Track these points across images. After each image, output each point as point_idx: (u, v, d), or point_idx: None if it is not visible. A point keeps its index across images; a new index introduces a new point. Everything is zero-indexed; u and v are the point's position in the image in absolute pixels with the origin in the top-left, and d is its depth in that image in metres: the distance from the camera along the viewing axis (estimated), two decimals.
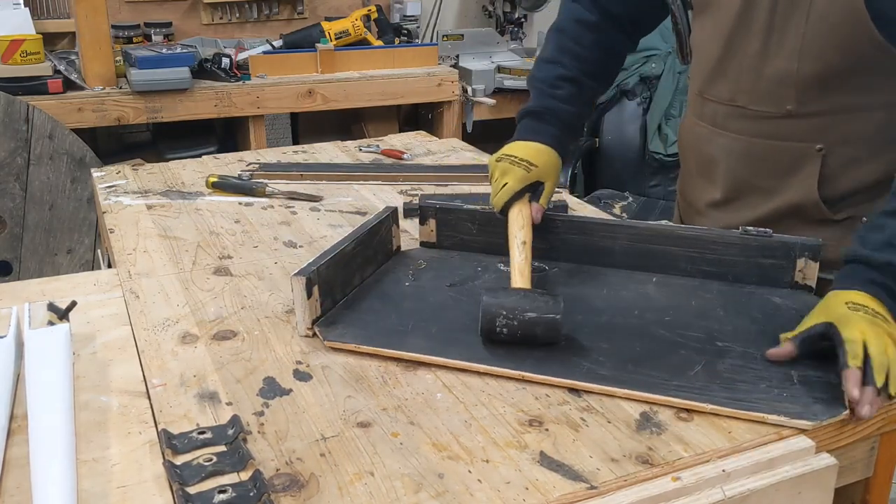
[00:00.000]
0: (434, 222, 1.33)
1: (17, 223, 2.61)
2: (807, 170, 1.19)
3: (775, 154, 1.22)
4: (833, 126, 1.17)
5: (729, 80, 1.23)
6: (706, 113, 1.30)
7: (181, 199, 1.60)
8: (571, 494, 0.78)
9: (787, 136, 1.19)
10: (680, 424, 0.88)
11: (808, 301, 1.11)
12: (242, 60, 3.04)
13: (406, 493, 0.77)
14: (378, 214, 1.28)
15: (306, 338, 1.06)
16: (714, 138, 1.29)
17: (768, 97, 1.19)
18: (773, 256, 1.17)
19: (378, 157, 1.91)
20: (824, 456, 0.85)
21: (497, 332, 1.02)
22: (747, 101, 1.21)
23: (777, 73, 1.16)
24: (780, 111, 1.18)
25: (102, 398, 0.93)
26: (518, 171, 1.23)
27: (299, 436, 0.86)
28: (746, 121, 1.23)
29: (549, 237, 1.27)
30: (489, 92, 3.29)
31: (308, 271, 1.05)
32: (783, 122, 1.19)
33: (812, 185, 1.19)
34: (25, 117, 2.55)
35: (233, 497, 0.76)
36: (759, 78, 1.19)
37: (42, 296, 1.18)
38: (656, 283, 1.19)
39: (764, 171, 1.24)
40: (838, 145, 1.17)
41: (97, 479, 0.79)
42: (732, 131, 1.25)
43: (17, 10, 2.93)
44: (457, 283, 1.19)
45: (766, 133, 1.21)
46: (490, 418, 0.89)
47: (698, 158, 1.35)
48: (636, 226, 1.25)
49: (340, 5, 3.57)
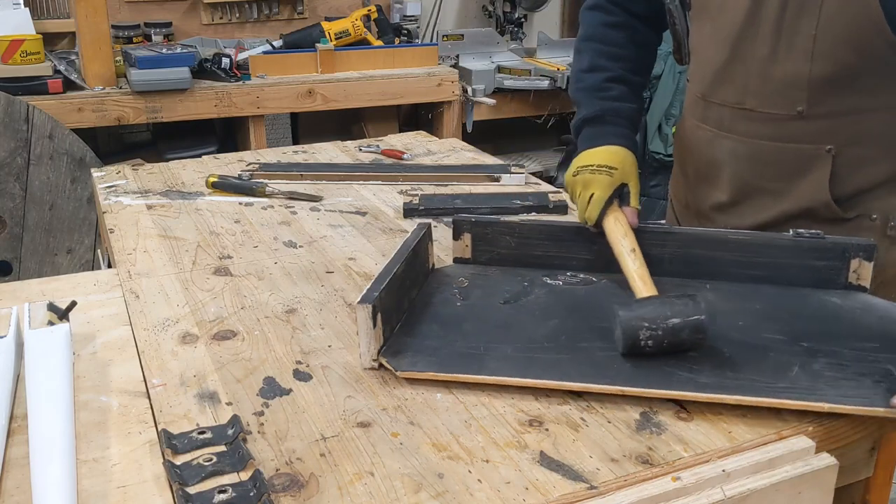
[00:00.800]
0: (469, 237, 1.25)
1: (17, 223, 2.61)
2: (816, 172, 1.19)
3: (784, 156, 1.21)
4: (843, 127, 1.16)
5: (736, 83, 1.22)
6: (710, 116, 1.28)
7: (181, 199, 1.60)
8: (571, 494, 0.77)
9: (797, 137, 1.19)
10: (680, 424, 0.88)
11: (867, 301, 1.10)
12: (242, 60, 3.04)
13: (406, 493, 0.77)
14: (415, 232, 1.20)
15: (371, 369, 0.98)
16: (719, 141, 1.28)
17: (778, 99, 1.18)
18: (826, 258, 1.15)
19: (378, 157, 1.91)
20: (824, 456, 0.85)
21: (642, 346, 0.96)
22: (756, 104, 1.21)
23: (787, 75, 1.16)
24: (790, 113, 1.18)
25: (102, 398, 0.93)
26: (601, 179, 1.20)
27: (299, 436, 0.86)
28: (754, 123, 1.22)
29: (594, 248, 1.22)
30: (489, 92, 3.30)
31: (371, 297, 0.97)
32: (793, 124, 1.18)
33: (823, 186, 1.19)
34: (25, 117, 2.55)
35: (233, 497, 0.76)
36: (769, 80, 1.18)
37: (42, 296, 1.18)
38: (711, 290, 1.15)
39: (772, 173, 1.23)
40: (848, 146, 1.17)
41: (97, 479, 0.79)
42: (739, 134, 1.24)
43: (17, 10, 2.93)
44: (509, 300, 1.14)
45: (774, 135, 1.21)
46: (490, 418, 0.89)
47: (700, 162, 1.34)
48: (685, 232, 1.21)
49: (340, 5, 3.57)
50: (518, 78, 3.32)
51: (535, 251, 1.23)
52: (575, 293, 1.15)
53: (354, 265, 1.30)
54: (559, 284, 1.17)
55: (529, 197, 1.56)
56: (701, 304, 0.97)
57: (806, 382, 0.91)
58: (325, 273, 1.27)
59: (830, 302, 1.12)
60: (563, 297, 1.13)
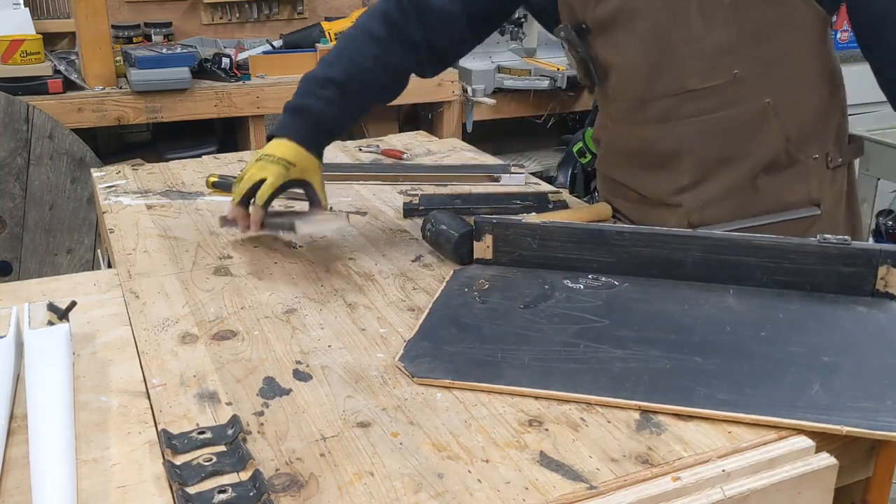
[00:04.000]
0: (490, 238, 1.26)
1: (17, 223, 2.61)
2: (765, 126, 1.28)
3: (731, 122, 1.29)
4: (775, 76, 1.26)
5: (675, 72, 1.28)
6: (651, 114, 1.34)
7: (181, 199, 1.60)
8: (571, 494, 0.77)
9: (738, 100, 1.27)
10: (680, 424, 0.88)
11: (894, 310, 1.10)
12: (242, 60, 3.04)
13: (406, 493, 0.77)
14: None
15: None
16: (665, 132, 1.33)
17: (716, 70, 1.26)
18: (853, 264, 1.13)
19: (378, 157, 1.91)
20: (824, 456, 0.85)
21: None
22: (697, 82, 1.28)
23: (719, 45, 1.24)
24: (728, 79, 1.26)
25: (102, 398, 0.93)
26: (275, 169, 1.28)
27: (299, 436, 0.86)
28: (699, 101, 1.29)
29: (615, 250, 1.21)
30: (489, 92, 3.29)
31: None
32: (732, 89, 1.26)
33: (776, 137, 1.28)
34: (25, 117, 2.55)
35: (233, 497, 0.76)
36: (704, 56, 1.26)
37: (42, 296, 1.18)
38: (735, 296, 1.15)
39: (725, 143, 1.30)
40: (784, 92, 1.27)
41: (97, 479, 0.79)
42: (687, 116, 1.30)
43: (17, 10, 2.93)
44: (529, 304, 1.13)
45: (718, 106, 1.28)
46: (490, 418, 0.89)
47: (650, 158, 1.38)
48: (710, 236, 1.19)
49: (340, 5, 3.57)
50: (518, 78, 3.31)
51: (556, 253, 1.23)
52: (596, 297, 1.15)
53: (354, 265, 1.30)
54: (580, 288, 1.16)
55: (529, 197, 1.56)
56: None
57: (826, 401, 0.90)
58: (325, 273, 1.27)
59: (856, 311, 1.10)
60: (584, 302, 1.13)
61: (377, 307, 1.15)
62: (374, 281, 1.24)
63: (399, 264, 1.30)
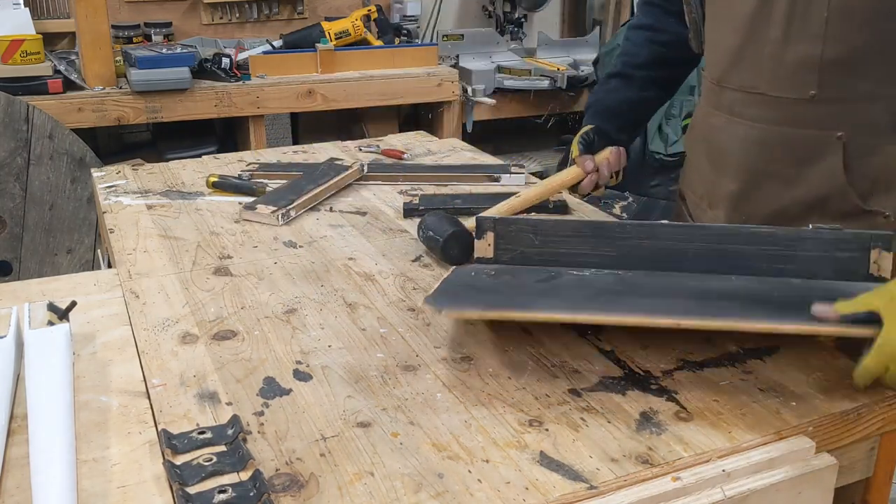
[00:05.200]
0: (492, 235, 1.24)
1: (17, 223, 2.61)
2: (828, 159, 1.20)
3: (795, 142, 1.22)
4: (854, 113, 1.18)
5: (750, 67, 1.24)
6: (723, 102, 1.30)
7: (181, 199, 1.60)
8: (571, 494, 0.78)
9: (808, 122, 1.20)
10: (680, 424, 0.88)
11: None
12: (242, 60, 3.04)
13: (406, 493, 0.77)
14: None
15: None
16: (731, 127, 1.29)
17: (790, 83, 1.19)
18: (847, 249, 1.15)
19: (378, 157, 1.91)
20: (824, 456, 0.85)
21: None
22: (768, 88, 1.22)
23: (799, 58, 1.17)
24: (801, 97, 1.19)
25: (102, 398, 0.93)
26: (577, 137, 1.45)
27: (299, 436, 0.86)
28: (766, 108, 1.23)
29: (617, 244, 1.21)
30: (489, 92, 3.29)
31: None
32: (804, 109, 1.20)
33: (835, 173, 1.20)
34: (25, 117, 2.55)
35: (233, 497, 0.76)
36: (781, 63, 1.19)
37: (42, 296, 1.18)
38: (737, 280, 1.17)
39: (782, 159, 1.24)
40: (858, 134, 1.18)
41: (97, 479, 0.80)
42: (751, 119, 1.26)
43: (17, 10, 2.93)
44: (542, 281, 1.13)
45: (785, 120, 1.22)
46: (490, 418, 0.89)
47: (711, 150, 1.35)
48: (710, 227, 1.22)
49: (340, 5, 3.57)
50: (518, 78, 3.32)
51: (559, 248, 1.23)
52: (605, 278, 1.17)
53: (354, 265, 1.30)
54: (586, 274, 1.17)
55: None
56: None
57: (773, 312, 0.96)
58: (325, 273, 1.27)
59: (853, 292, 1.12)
60: (595, 280, 1.14)
61: (377, 307, 1.15)
62: (374, 281, 1.24)
63: (399, 264, 1.30)
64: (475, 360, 1.01)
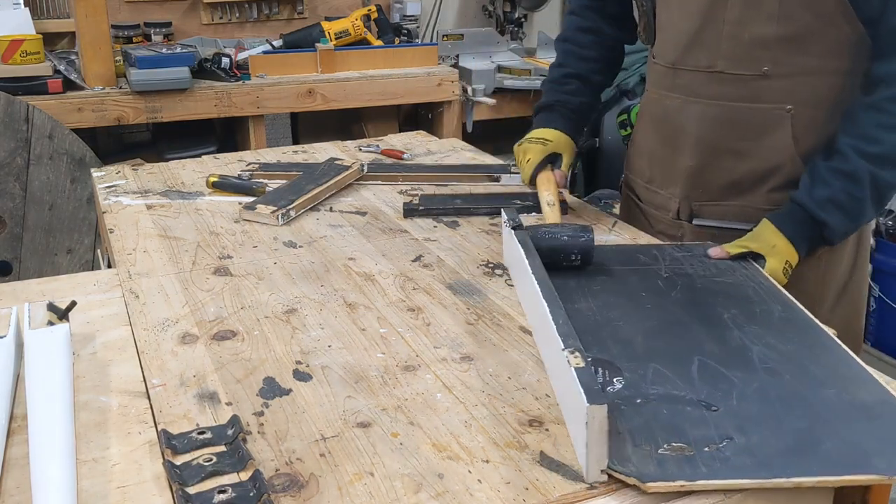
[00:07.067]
0: None
1: (17, 223, 2.61)
2: (778, 131, 1.30)
3: (749, 116, 1.32)
4: (801, 88, 1.28)
5: (707, 48, 1.32)
6: (678, 84, 1.39)
7: (181, 199, 1.60)
8: (571, 494, 0.77)
9: (761, 97, 1.30)
10: None
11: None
12: (242, 60, 3.04)
13: (406, 493, 0.77)
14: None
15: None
16: (688, 107, 1.38)
17: (746, 61, 1.29)
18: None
19: (378, 157, 1.91)
20: None
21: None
22: (726, 66, 1.31)
23: (755, 37, 1.27)
24: (756, 73, 1.29)
25: (102, 398, 0.93)
26: (536, 147, 1.52)
27: (299, 436, 0.86)
28: (723, 85, 1.32)
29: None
30: (489, 92, 3.29)
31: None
32: (758, 84, 1.29)
33: (786, 144, 1.30)
34: (25, 117, 2.55)
35: (233, 497, 0.76)
36: (739, 42, 1.29)
37: (42, 296, 1.18)
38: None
39: (737, 133, 1.34)
40: (804, 107, 1.29)
41: (97, 479, 0.79)
42: (708, 97, 1.35)
43: (17, 10, 2.93)
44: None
45: (741, 96, 1.31)
46: (490, 418, 0.89)
47: (668, 130, 1.44)
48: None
49: (340, 5, 3.57)
50: (518, 78, 3.32)
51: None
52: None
53: (354, 265, 1.30)
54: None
55: (529, 197, 1.56)
56: (590, 231, 1.22)
57: None
58: (325, 273, 1.27)
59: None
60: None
61: (377, 307, 1.15)
62: (374, 281, 1.24)
63: (399, 264, 1.30)
64: (475, 360, 1.01)
